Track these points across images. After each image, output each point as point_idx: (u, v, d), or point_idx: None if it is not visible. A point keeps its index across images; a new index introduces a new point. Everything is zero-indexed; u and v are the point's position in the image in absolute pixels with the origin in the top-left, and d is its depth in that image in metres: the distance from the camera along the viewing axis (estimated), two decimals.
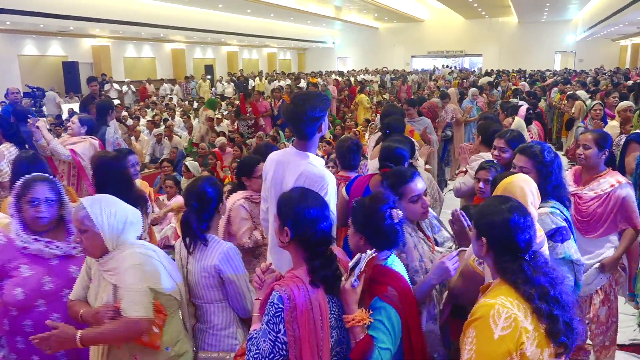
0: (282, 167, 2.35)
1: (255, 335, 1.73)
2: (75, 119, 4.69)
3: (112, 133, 5.21)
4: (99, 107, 5.43)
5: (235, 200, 3.02)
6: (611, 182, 2.95)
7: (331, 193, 2.28)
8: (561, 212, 2.36)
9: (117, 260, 1.96)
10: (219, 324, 2.23)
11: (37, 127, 4.34)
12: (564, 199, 2.46)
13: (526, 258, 1.55)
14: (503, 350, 1.43)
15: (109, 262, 1.97)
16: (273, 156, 2.47)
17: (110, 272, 1.96)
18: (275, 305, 1.66)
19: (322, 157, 5.43)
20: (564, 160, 8.88)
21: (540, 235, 2.00)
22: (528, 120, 5.23)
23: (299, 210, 1.74)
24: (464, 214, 2.18)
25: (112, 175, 2.74)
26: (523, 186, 1.99)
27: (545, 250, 2.07)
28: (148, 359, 1.99)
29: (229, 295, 2.20)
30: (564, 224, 2.31)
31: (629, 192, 2.93)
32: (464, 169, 3.75)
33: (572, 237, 2.32)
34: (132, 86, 17.39)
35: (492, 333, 1.44)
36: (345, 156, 3.34)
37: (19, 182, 2.25)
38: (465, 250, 2.10)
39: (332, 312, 1.74)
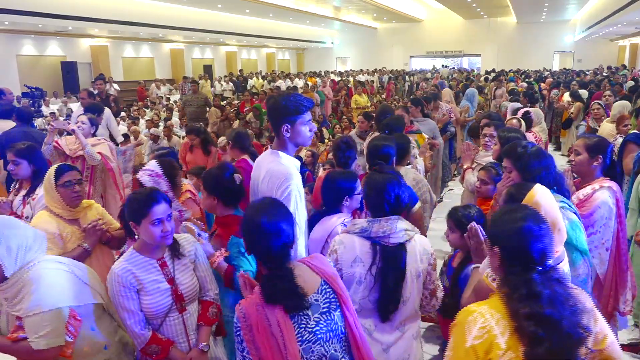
0: (258, 168, 2.43)
1: None
2: (84, 119, 4.67)
3: (101, 132, 5.53)
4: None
5: None
6: (594, 186, 2.77)
7: (294, 193, 2.26)
8: (570, 206, 2.32)
9: (19, 286, 1.89)
10: None
11: (73, 131, 4.35)
12: (563, 192, 2.41)
13: (539, 269, 1.44)
14: (472, 358, 1.39)
15: (8, 289, 1.91)
16: (257, 159, 2.59)
17: (12, 301, 1.90)
18: (235, 324, 1.63)
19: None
20: (563, 160, 8.88)
21: (558, 250, 1.92)
22: (527, 124, 4.83)
23: (249, 221, 1.69)
24: (481, 229, 2.11)
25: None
26: (546, 202, 1.90)
27: (564, 265, 2.00)
28: None
29: None
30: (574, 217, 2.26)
31: (605, 197, 2.70)
32: (471, 166, 3.78)
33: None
34: (115, 86, 16.23)
35: (465, 340, 1.41)
36: (335, 154, 3.38)
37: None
38: (479, 267, 2.04)
39: (304, 326, 1.64)
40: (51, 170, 2.60)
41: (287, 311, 1.61)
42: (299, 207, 2.29)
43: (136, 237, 2.13)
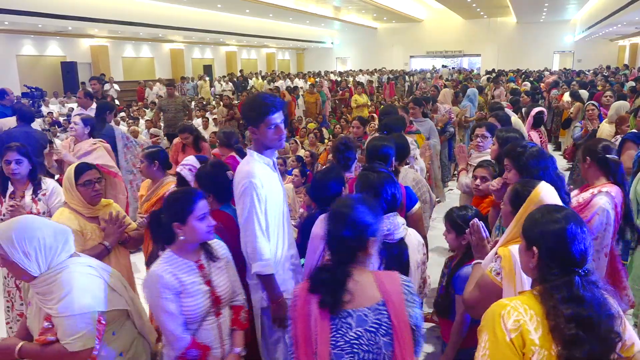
0: None
1: None
2: (77, 119, 4.59)
3: (119, 130, 5.53)
4: (98, 108, 5.59)
5: None
6: (594, 191, 2.77)
7: (250, 190, 2.25)
8: None
9: (51, 285, 1.89)
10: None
11: (62, 161, 4.26)
12: (563, 195, 2.43)
13: (580, 272, 1.42)
14: (513, 351, 1.40)
15: (40, 284, 1.91)
16: None
17: (44, 297, 1.90)
18: (290, 300, 1.69)
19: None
20: (562, 160, 8.88)
21: None
22: (538, 123, 4.92)
23: (331, 208, 1.68)
24: (483, 225, 2.12)
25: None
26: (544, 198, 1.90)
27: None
28: None
29: None
30: None
31: (604, 203, 2.66)
32: (465, 168, 3.79)
33: None
34: (115, 86, 16.15)
35: (504, 334, 1.40)
36: (334, 156, 3.37)
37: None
38: (481, 262, 2.05)
39: (343, 334, 1.57)
40: (70, 170, 2.61)
41: (322, 305, 1.57)
42: (258, 207, 2.26)
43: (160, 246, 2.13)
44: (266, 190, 2.30)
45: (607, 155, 2.77)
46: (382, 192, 2.08)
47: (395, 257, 2.05)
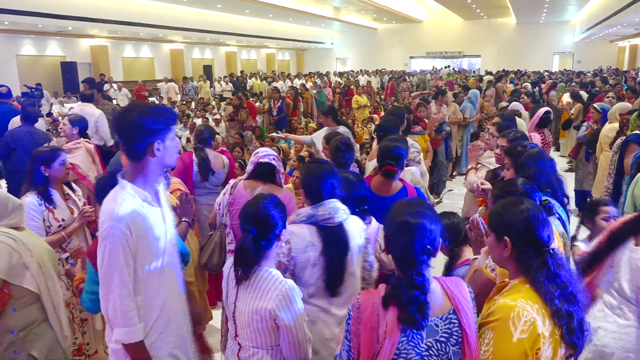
0: None
1: (339, 352, 1.62)
2: (65, 120, 4.59)
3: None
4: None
5: None
6: None
7: (109, 239, 1.76)
8: (555, 211, 2.33)
9: None
10: None
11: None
12: (560, 197, 2.43)
13: (550, 251, 1.56)
14: (520, 353, 1.45)
15: None
16: None
17: None
18: (349, 311, 1.57)
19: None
20: (562, 161, 8.89)
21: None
22: (543, 123, 4.86)
23: (391, 220, 1.57)
24: (482, 221, 2.11)
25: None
26: None
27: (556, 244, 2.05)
28: None
29: (283, 342, 1.87)
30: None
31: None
32: (475, 166, 3.77)
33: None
34: (115, 86, 16.09)
35: (511, 335, 1.45)
36: (335, 155, 3.33)
37: None
38: (477, 258, 2.07)
39: (414, 345, 1.48)
40: None
41: (406, 322, 1.47)
42: (122, 259, 1.78)
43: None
44: (138, 238, 1.82)
45: None
46: (321, 182, 2.20)
47: (336, 239, 2.16)
